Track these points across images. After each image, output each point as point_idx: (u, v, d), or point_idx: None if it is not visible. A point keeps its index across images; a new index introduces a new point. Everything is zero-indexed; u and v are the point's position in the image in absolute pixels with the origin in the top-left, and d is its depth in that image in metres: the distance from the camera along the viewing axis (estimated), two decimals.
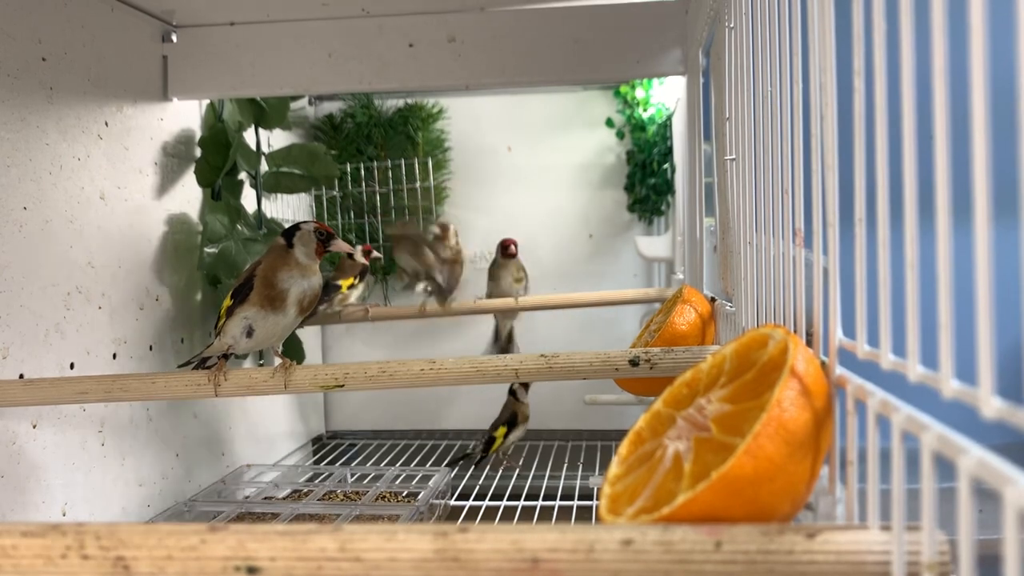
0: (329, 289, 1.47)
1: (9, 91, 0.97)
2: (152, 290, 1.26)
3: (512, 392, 1.57)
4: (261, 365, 1.43)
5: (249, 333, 0.97)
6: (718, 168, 0.95)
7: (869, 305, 0.38)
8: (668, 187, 1.77)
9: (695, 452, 0.41)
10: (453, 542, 0.38)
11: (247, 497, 1.39)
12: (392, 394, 1.95)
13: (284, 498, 1.40)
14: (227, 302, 0.98)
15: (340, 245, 0.98)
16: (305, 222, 0.98)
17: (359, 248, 1.55)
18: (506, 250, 1.52)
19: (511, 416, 1.55)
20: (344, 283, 1.47)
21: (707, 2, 0.96)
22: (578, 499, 1.41)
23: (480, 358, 0.82)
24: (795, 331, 0.51)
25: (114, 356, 1.15)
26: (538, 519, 1.37)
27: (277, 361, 0.91)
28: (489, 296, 1.54)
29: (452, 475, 1.47)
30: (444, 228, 1.55)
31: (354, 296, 1.51)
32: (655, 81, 1.78)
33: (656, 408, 0.48)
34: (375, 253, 1.57)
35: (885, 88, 0.36)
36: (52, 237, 1.03)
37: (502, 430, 1.53)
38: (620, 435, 0.46)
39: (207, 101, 1.42)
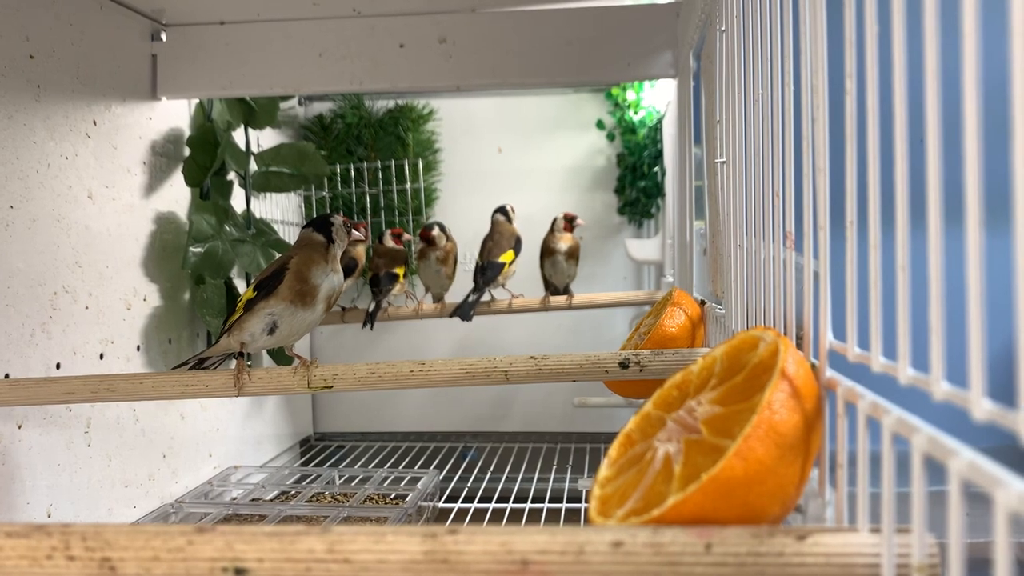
0: (383, 281, 1.47)
1: None
2: (139, 290, 1.25)
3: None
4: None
5: (271, 330, 0.90)
6: (708, 171, 0.96)
7: (860, 308, 0.38)
8: (658, 190, 1.77)
9: (685, 454, 0.41)
10: (442, 544, 0.37)
11: (234, 498, 1.38)
12: (381, 395, 1.94)
13: (272, 500, 1.39)
14: (248, 294, 0.92)
15: (356, 236, 0.98)
16: (331, 216, 0.95)
17: (388, 233, 1.54)
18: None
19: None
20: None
21: (698, 5, 0.97)
22: (567, 502, 1.41)
23: (469, 360, 0.82)
24: (785, 333, 0.51)
25: (101, 356, 1.14)
26: (527, 522, 1.37)
27: (244, 363, 0.89)
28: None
29: (441, 477, 1.47)
30: (431, 231, 1.54)
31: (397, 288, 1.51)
32: (646, 84, 1.79)
33: (646, 410, 0.47)
34: (406, 236, 1.57)
35: (877, 91, 0.36)
36: (39, 236, 1.02)
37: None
38: (610, 437, 0.46)
39: (196, 100, 1.42)
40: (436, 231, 1.54)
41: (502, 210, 1.56)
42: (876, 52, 0.36)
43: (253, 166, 1.53)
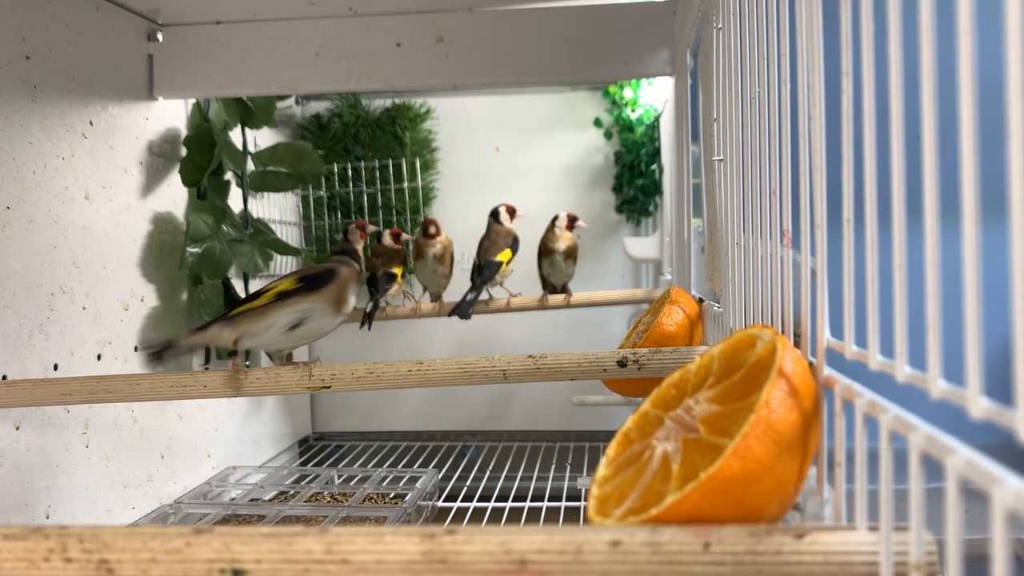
0: (380, 281, 1.47)
1: None
2: (137, 290, 1.25)
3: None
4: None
5: (294, 326, 0.88)
6: (706, 169, 0.96)
7: (857, 306, 0.38)
8: (656, 188, 1.77)
9: (683, 453, 0.41)
10: (440, 544, 0.37)
11: (233, 499, 1.38)
12: (379, 395, 1.94)
13: (270, 500, 1.39)
14: (285, 285, 0.89)
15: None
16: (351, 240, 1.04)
17: (386, 232, 1.54)
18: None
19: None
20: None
21: (695, 3, 0.96)
22: (566, 500, 1.41)
23: (468, 359, 0.82)
24: (783, 332, 0.51)
25: (99, 357, 1.14)
26: (526, 521, 1.37)
27: (241, 363, 0.88)
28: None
29: (440, 476, 1.47)
30: (431, 225, 1.55)
31: (394, 288, 1.51)
32: (643, 82, 1.78)
33: (644, 409, 0.47)
34: (404, 235, 1.56)
35: (873, 88, 0.36)
36: (36, 237, 1.02)
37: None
38: (608, 436, 0.46)
39: (193, 100, 1.41)
40: (436, 226, 1.55)
41: (494, 213, 1.56)
42: (872, 50, 0.36)
43: (250, 166, 1.53)
